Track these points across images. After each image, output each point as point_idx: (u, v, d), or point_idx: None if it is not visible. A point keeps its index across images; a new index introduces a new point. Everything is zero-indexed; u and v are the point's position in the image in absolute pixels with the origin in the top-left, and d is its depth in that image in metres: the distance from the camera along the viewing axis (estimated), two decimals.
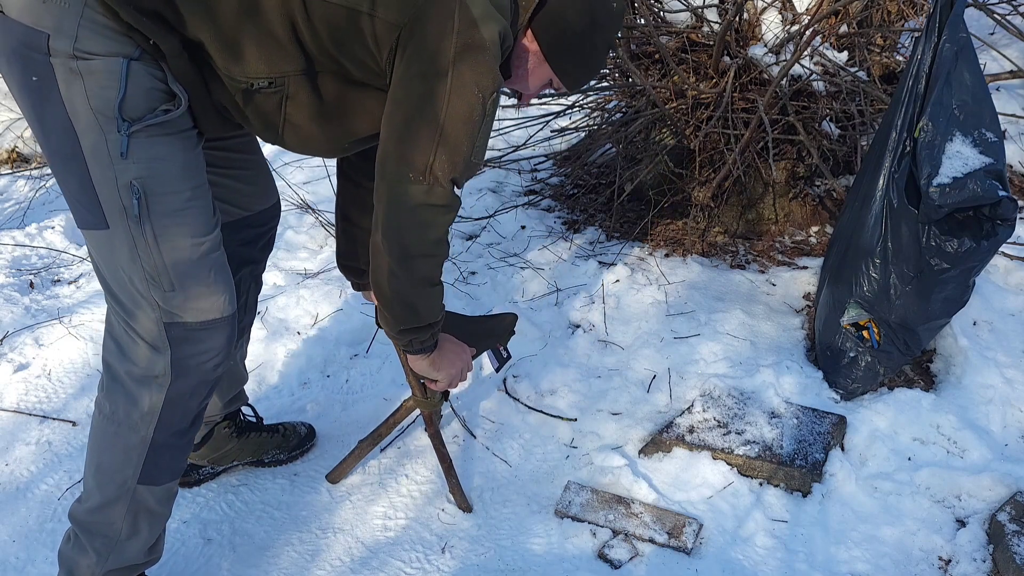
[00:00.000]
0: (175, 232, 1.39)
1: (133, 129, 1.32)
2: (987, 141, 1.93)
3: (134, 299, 1.43)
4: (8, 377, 2.35)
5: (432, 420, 1.93)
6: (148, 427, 1.50)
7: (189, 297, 1.43)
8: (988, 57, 3.19)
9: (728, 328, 2.42)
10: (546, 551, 1.84)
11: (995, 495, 1.91)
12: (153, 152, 1.35)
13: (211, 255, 1.45)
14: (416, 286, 1.51)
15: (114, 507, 1.55)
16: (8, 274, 2.83)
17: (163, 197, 1.37)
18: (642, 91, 2.87)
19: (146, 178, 1.35)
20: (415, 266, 1.48)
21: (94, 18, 1.28)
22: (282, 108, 1.42)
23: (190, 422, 1.55)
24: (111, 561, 1.58)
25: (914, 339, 2.15)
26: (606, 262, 2.77)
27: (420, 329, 1.58)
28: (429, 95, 1.34)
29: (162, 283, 1.41)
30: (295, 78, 1.39)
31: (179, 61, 1.33)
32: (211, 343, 1.49)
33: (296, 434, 2.09)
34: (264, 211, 1.79)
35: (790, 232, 2.94)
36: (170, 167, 1.37)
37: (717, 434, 2.06)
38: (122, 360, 1.47)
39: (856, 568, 1.79)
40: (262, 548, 1.86)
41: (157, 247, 1.39)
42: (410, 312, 1.54)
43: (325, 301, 2.62)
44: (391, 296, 1.51)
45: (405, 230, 1.43)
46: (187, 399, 1.51)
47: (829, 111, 2.75)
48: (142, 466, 1.52)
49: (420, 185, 1.38)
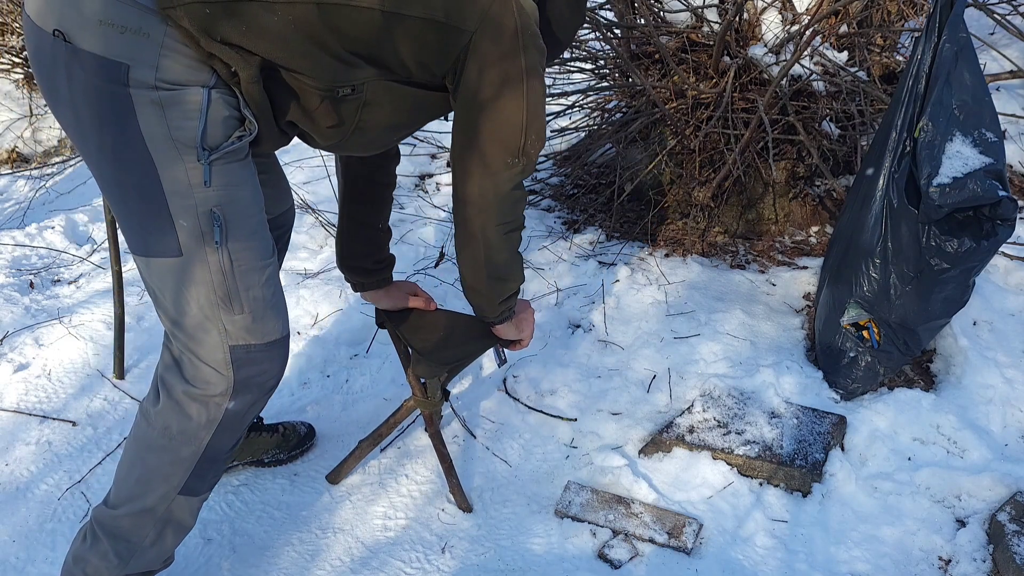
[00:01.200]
0: (248, 256, 1.42)
1: (213, 158, 1.34)
2: (987, 141, 1.93)
3: (200, 324, 1.43)
4: (8, 377, 2.35)
5: (432, 420, 1.94)
6: (201, 443, 1.51)
7: (256, 319, 1.45)
8: (988, 57, 3.19)
9: (728, 328, 2.42)
10: (546, 551, 1.84)
11: (995, 495, 1.91)
12: (229, 179, 1.38)
13: (275, 276, 1.50)
14: (515, 255, 1.65)
15: (149, 516, 1.56)
16: (8, 274, 2.83)
17: (240, 222, 1.40)
18: (642, 91, 2.87)
19: (226, 205, 1.37)
20: (514, 237, 1.62)
21: (175, 47, 1.28)
22: (358, 113, 1.45)
23: (239, 438, 1.58)
24: (130, 566, 1.59)
25: (914, 339, 2.15)
26: (606, 262, 2.77)
27: (514, 296, 1.72)
28: (515, 86, 1.44)
29: (233, 307, 1.43)
30: (372, 84, 1.42)
31: (254, 87, 1.34)
32: (271, 363, 1.51)
33: (296, 433, 2.09)
34: (282, 214, 1.82)
35: (790, 232, 2.94)
36: (245, 192, 1.41)
37: (717, 434, 2.06)
38: (181, 380, 1.48)
39: (856, 568, 1.79)
40: (262, 548, 1.86)
41: (233, 272, 1.41)
42: (510, 282, 1.68)
43: (325, 301, 2.62)
44: (496, 271, 1.63)
45: (508, 210, 1.56)
46: (243, 416, 1.53)
47: (829, 111, 2.75)
48: (187, 479, 1.54)
49: (516, 167, 1.50)
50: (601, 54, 3.12)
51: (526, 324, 1.84)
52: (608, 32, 2.97)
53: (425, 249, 2.92)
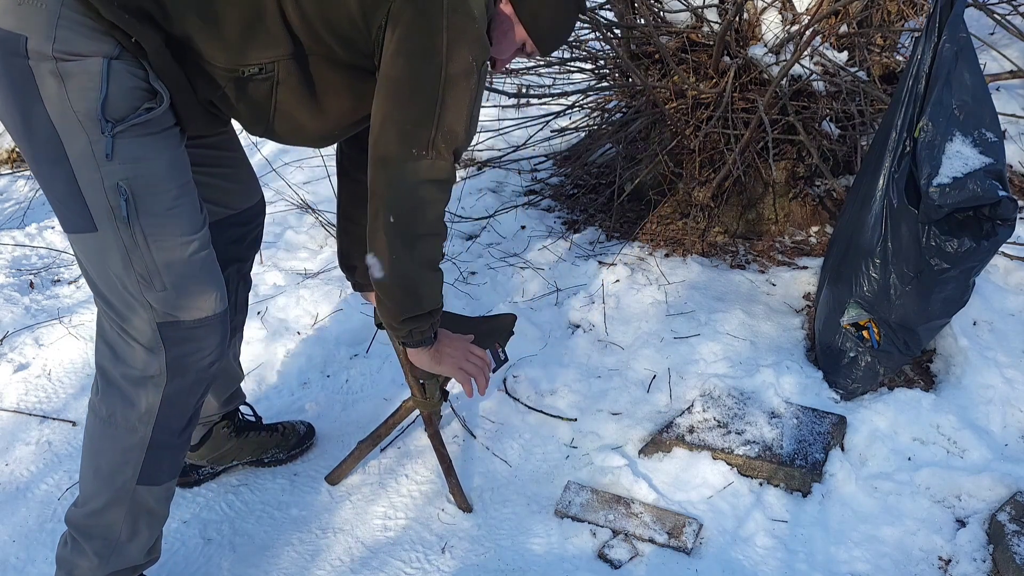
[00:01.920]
0: (165, 232, 1.38)
1: (117, 130, 1.30)
2: (987, 141, 1.93)
3: (126, 301, 1.41)
4: (8, 377, 2.35)
5: (432, 420, 1.93)
6: (147, 428, 1.49)
7: (182, 296, 1.42)
8: (988, 57, 3.19)
9: (728, 328, 2.42)
10: (546, 551, 1.84)
11: (995, 495, 1.91)
12: (138, 152, 1.34)
13: (201, 252, 1.44)
14: (421, 268, 1.49)
15: (114, 509, 1.54)
16: (8, 274, 2.83)
17: (151, 197, 1.36)
18: (642, 91, 2.87)
19: (133, 179, 1.34)
20: (421, 247, 1.46)
21: (73, 17, 1.26)
22: (273, 95, 1.40)
23: (187, 420, 1.54)
24: (111, 563, 1.58)
25: (914, 339, 2.15)
26: (606, 262, 2.77)
27: (421, 317, 1.55)
28: (427, 68, 1.33)
29: (154, 284, 1.40)
30: (284, 63, 1.37)
31: (161, 58, 1.32)
32: (206, 341, 1.48)
33: (295, 433, 2.09)
34: (248, 209, 1.78)
35: (790, 232, 2.94)
36: (156, 166, 1.36)
37: (717, 434, 2.06)
38: (116, 363, 1.46)
39: (856, 568, 1.79)
40: (262, 548, 1.86)
41: (147, 247, 1.38)
42: (413, 298, 1.52)
43: (325, 301, 2.62)
44: (393, 282, 1.49)
45: (410, 210, 1.41)
46: (184, 398, 1.50)
47: (829, 111, 2.75)
48: (141, 466, 1.51)
49: (424, 160, 1.37)
50: (601, 54, 3.12)
51: (448, 360, 1.67)
52: (608, 32, 2.97)
53: None
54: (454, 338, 1.71)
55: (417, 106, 1.35)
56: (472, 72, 1.36)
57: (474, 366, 1.71)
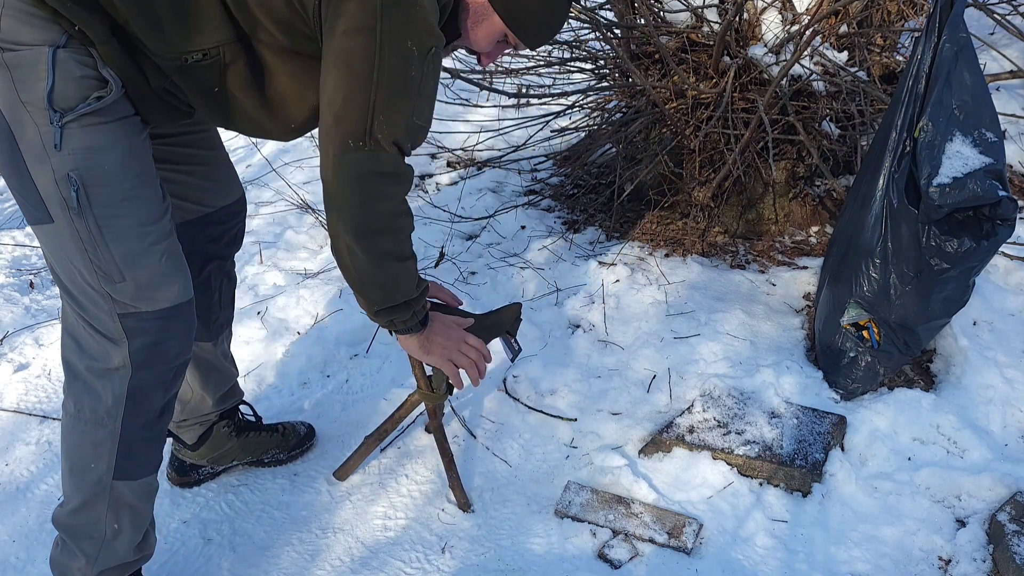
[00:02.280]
0: (120, 223, 1.36)
1: (66, 120, 1.29)
2: (987, 141, 1.93)
3: (87, 293, 1.40)
4: (8, 377, 2.35)
5: (436, 413, 1.93)
6: (115, 421, 1.47)
7: (141, 287, 1.41)
8: (988, 57, 3.19)
9: (728, 328, 2.42)
10: (546, 551, 1.84)
11: (995, 495, 1.91)
12: (89, 142, 1.32)
13: (160, 243, 1.42)
14: (380, 263, 1.43)
15: (94, 507, 1.53)
16: (8, 274, 2.83)
17: (103, 188, 1.34)
18: (642, 91, 2.87)
19: (83, 169, 1.32)
20: (374, 243, 1.40)
21: (17, 6, 1.25)
22: (222, 83, 1.37)
23: (158, 413, 1.52)
24: (101, 562, 1.57)
25: (914, 339, 2.15)
26: (606, 262, 2.77)
27: (396, 308, 1.51)
28: (359, 52, 1.26)
29: (112, 275, 1.38)
30: (229, 48, 1.34)
31: (108, 46, 1.30)
32: (168, 331, 1.46)
33: (295, 433, 2.09)
34: (226, 207, 1.76)
35: (790, 232, 2.94)
36: (109, 156, 1.34)
37: (717, 434, 2.06)
38: (81, 356, 1.45)
39: (856, 568, 1.79)
40: (262, 548, 1.86)
41: (102, 238, 1.36)
42: (380, 291, 1.47)
43: (325, 301, 2.62)
44: (357, 277, 1.45)
45: (356, 204, 1.35)
46: (151, 389, 1.48)
47: (829, 111, 2.75)
48: (115, 461, 1.50)
49: (362, 152, 1.30)
50: (601, 54, 3.12)
51: (438, 348, 1.62)
52: (608, 32, 2.97)
53: (425, 249, 2.92)
54: (449, 327, 1.66)
55: (352, 94, 1.28)
56: (412, 59, 1.28)
57: (466, 358, 1.66)
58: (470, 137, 3.66)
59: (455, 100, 3.87)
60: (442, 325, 1.65)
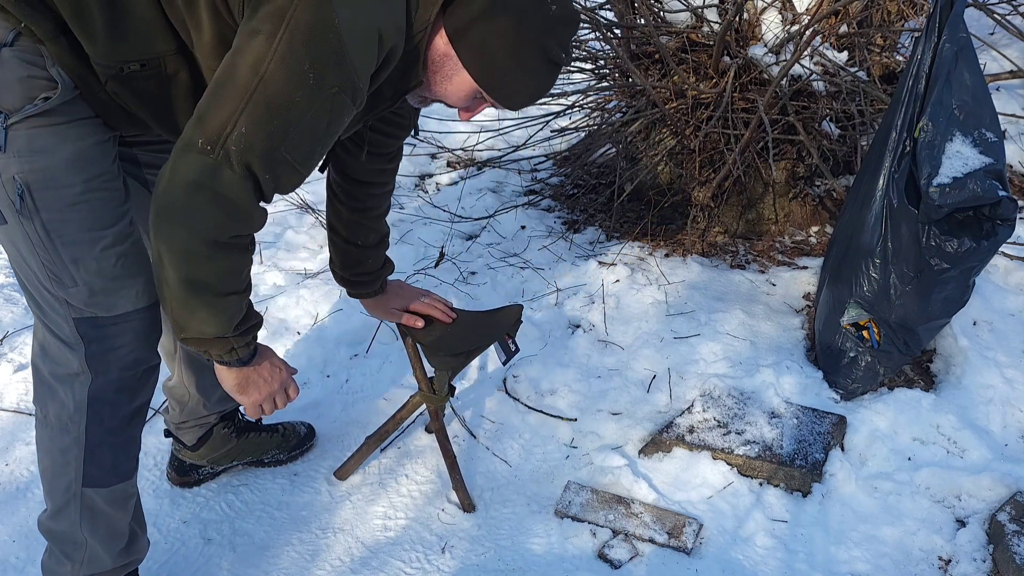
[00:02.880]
0: (69, 227, 1.32)
1: (11, 121, 1.23)
2: (987, 141, 1.93)
3: (44, 297, 1.37)
4: (8, 377, 2.35)
5: (438, 415, 1.93)
6: (78, 427, 1.44)
7: (94, 292, 1.36)
8: (988, 57, 3.19)
9: (728, 328, 2.42)
10: (546, 551, 1.84)
11: (995, 495, 1.91)
12: (36, 145, 1.26)
13: (115, 247, 1.35)
14: (190, 290, 1.26)
15: (67, 513, 1.51)
16: (8, 274, 2.83)
17: (50, 192, 1.28)
18: (642, 91, 2.87)
19: (28, 172, 1.26)
20: (187, 265, 1.24)
21: None
22: (167, 93, 1.31)
23: (124, 419, 1.48)
24: (86, 567, 1.56)
25: (914, 339, 2.15)
26: (606, 262, 2.77)
27: (205, 341, 1.34)
28: (250, 54, 1.15)
29: (63, 280, 1.34)
30: (171, 57, 1.28)
31: (56, 45, 1.24)
32: (126, 337, 1.41)
33: (296, 434, 2.09)
34: None
35: (790, 232, 2.94)
36: (55, 160, 1.27)
37: (717, 434, 2.06)
38: (44, 360, 1.43)
39: (856, 568, 1.79)
40: (262, 548, 1.86)
41: (51, 243, 1.31)
42: (183, 315, 1.30)
43: (325, 301, 2.62)
44: (163, 292, 1.29)
45: (178, 212, 1.19)
46: (113, 395, 1.44)
47: (829, 111, 2.75)
48: (82, 468, 1.47)
49: (206, 157, 1.16)
50: (601, 54, 3.12)
51: (253, 391, 1.45)
52: (608, 32, 2.97)
53: (425, 249, 2.92)
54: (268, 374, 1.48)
55: (223, 92, 1.17)
56: (304, 84, 1.15)
57: (272, 408, 1.52)
58: (470, 137, 3.66)
59: None
60: (270, 368, 1.48)
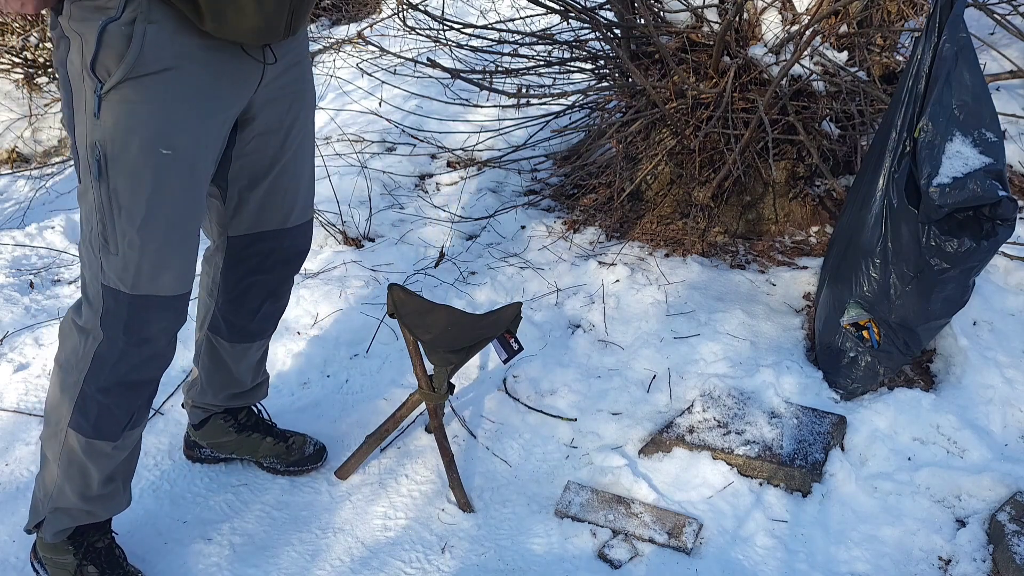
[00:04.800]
0: (128, 198, 1.40)
1: (105, 89, 1.33)
2: (987, 141, 1.93)
3: (89, 252, 1.47)
4: (8, 377, 2.35)
5: (437, 413, 1.94)
6: (79, 374, 1.54)
7: (128, 266, 1.45)
8: (988, 57, 3.19)
9: (728, 328, 2.42)
10: (546, 551, 1.84)
11: (995, 495, 1.91)
12: (119, 114, 1.35)
13: (160, 229, 1.45)
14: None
15: (52, 442, 1.62)
16: (8, 274, 2.83)
17: (122, 161, 1.38)
18: (642, 91, 2.87)
19: (108, 141, 1.36)
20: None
21: None
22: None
23: (118, 386, 1.55)
24: (54, 499, 1.65)
25: (914, 339, 2.15)
26: (606, 262, 2.77)
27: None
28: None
29: (108, 245, 1.44)
30: None
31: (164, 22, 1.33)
32: (140, 318, 1.49)
33: (300, 452, 2.05)
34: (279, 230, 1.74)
35: (790, 232, 2.94)
36: (137, 132, 1.37)
37: (717, 434, 2.06)
38: (75, 306, 1.55)
39: (856, 568, 1.79)
40: (262, 548, 1.86)
41: (109, 209, 1.41)
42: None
43: (325, 301, 2.62)
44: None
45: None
46: (113, 363, 1.52)
47: (829, 111, 2.75)
48: (73, 409, 1.56)
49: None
50: (601, 54, 3.12)
51: None
52: (608, 32, 2.97)
53: (425, 249, 2.92)
54: None
55: None
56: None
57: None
58: (470, 137, 3.66)
59: (455, 100, 3.87)
60: None
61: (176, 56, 1.36)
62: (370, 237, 3.02)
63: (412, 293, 1.93)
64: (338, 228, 3.00)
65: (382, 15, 5.38)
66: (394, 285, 1.91)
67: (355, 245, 2.97)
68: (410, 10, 3.46)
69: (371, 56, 4.43)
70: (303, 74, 1.63)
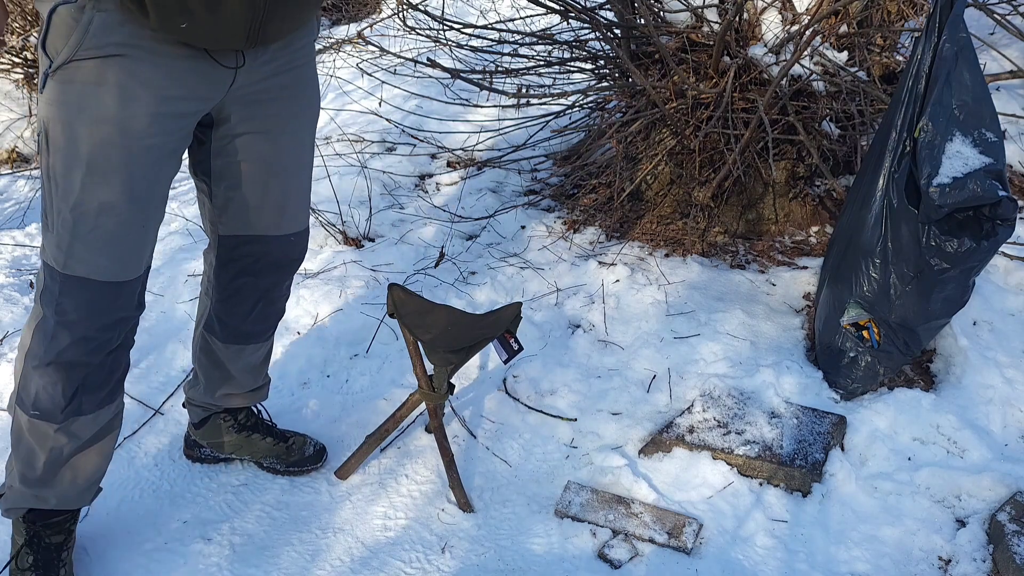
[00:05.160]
0: (64, 179, 1.42)
1: (53, 68, 1.36)
2: (987, 141, 1.93)
3: (42, 225, 1.50)
4: (8, 377, 2.35)
5: (436, 413, 1.94)
6: (23, 350, 1.57)
7: (60, 245, 1.46)
8: (988, 57, 3.19)
9: (728, 328, 2.42)
10: (546, 551, 1.84)
11: (995, 495, 1.91)
12: (59, 96, 1.37)
13: (92, 213, 1.43)
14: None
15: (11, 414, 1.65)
16: (8, 274, 2.83)
17: (60, 142, 1.39)
18: (642, 91, 2.87)
19: (50, 120, 1.39)
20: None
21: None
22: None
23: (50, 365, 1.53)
24: (14, 476, 1.67)
25: (914, 339, 2.15)
26: (606, 262, 2.77)
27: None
28: None
29: (47, 221, 1.46)
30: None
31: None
32: (73, 299, 1.48)
33: (300, 452, 2.05)
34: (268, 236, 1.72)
35: (790, 232, 2.94)
36: (74, 115, 1.37)
37: (717, 434, 2.06)
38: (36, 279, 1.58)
39: (856, 568, 1.79)
40: (262, 548, 1.86)
41: (48, 187, 1.44)
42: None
43: (325, 301, 2.62)
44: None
45: None
46: (49, 339, 1.52)
47: (829, 111, 2.75)
48: (19, 381, 1.59)
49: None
50: (601, 54, 3.12)
51: None
52: (608, 32, 2.97)
53: (425, 249, 2.92)
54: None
55: None
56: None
57: None
58: (470, 137, 3.66)
59: (455, 100, 3.87)
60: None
61: (123, 45, 1.35)
62: (370, 237, 3.03)
63: (412, 293, 1.93)
64: (338, 228, 3.00)
65: (382, 15, 5.38)
66: (394, 285, 1.91)
67: (355, 245, 2.97)
68: (410, 10, 3.46)
69: (371, 56, 4.43)
70: (298, 81, 1.60)
